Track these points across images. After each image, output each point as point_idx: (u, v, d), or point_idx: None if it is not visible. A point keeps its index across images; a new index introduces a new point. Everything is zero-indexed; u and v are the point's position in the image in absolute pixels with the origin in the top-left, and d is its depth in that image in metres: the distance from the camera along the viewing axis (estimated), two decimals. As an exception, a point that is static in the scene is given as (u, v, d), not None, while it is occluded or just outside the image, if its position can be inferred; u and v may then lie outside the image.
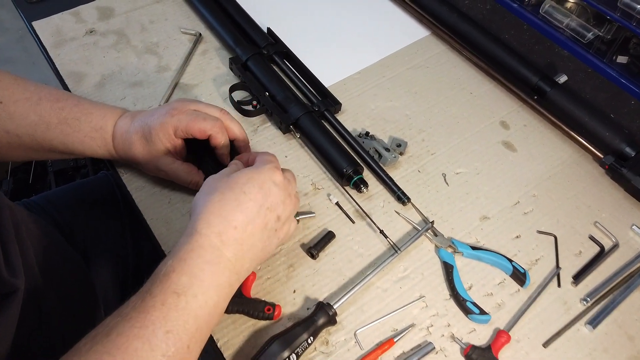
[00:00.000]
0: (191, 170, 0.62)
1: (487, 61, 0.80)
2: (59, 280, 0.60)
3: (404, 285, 0.60)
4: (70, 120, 0.60)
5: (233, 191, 0.49)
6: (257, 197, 0.50)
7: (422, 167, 0.70)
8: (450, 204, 0.67)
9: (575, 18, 0.82)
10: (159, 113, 0.59)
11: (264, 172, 0.51)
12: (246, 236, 0.49)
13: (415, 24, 0.88)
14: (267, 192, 0.51)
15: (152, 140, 0.58)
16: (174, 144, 0.60)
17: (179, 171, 0.61)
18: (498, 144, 0.73)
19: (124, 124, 0.60)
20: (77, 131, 0.60)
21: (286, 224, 0.54)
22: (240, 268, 0.49)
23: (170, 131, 0.58)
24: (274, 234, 0.53)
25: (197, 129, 0.58)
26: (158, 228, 0.63)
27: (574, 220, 0.67)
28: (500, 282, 0.61)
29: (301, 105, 0.72)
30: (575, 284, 0.61)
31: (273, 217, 0.51)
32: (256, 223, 0.50)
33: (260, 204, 0.50)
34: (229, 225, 0.48)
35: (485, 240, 0.64)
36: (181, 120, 0.58)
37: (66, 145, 0.60)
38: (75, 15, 0.85)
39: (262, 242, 0.51)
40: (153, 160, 0.60)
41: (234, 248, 0.48)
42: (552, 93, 0.74)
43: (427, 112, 0.76)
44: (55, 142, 0.60)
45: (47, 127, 0.59)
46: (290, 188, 0.54)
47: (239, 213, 0.49)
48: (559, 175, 0.71)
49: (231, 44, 0.79)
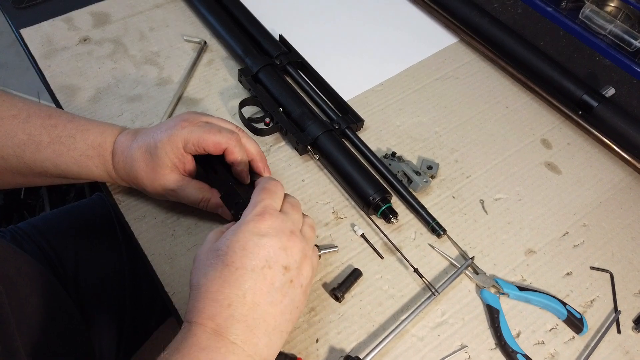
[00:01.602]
0: (202, 186, 0.54)
1: (523, 71, 0.72)
2: (41, 325, 0.53)
3: (443, 333, 0.52)
4: (64, 138, 0.52)
5: (216, 268, 0.42)
6: (244, 262, 0.42)
7: (456, 192, 0.63)
8: (491, 236, 0.59)
9: (620, 24, 0.75)
10: (166, 125, 0.52)
11: (243, 230, 0.43)
12: (248, 309, 0.41)
13: (441, 30, 0.80)
14: (254, 251, 0.42)
15: (158, 154, 0.51)
16: (182, 160, 0.52)
17: (188, 188, 0.53)
18: (540, 165, 0.66)
19: (125, 139, 0.53)
20: (71, 150, 0.52)
21: (303, 265, 0.45)
22: (255, 347, 0.41)
23: (179, 144, 0.51)
24: (290, 286, 0.44)
25: (211, 142, 0.51)
26: (160, 265, 0.55)
27: (631, 254, 0.59)
28: (553, 329, 0.53)
29: (320, 122, 0.64)
30: (637, 329, 0.54)
31: (278, 272, 0.43)
32: (256, 290, 0.42)
33: (250, 269, 0.42)
34: (221, 305, 0.40)
35: (532, 278, 0.57)
36: (193, 132, 0.51)
37: (59, 167, 0.53)
38: (68, 21, 0.77)
39: (276, 305, 0.42)
40: (158, 178, 0.52)
41: (236, 327, 0.40)
42: (600, 108, 0.66)
43: (460, 128, 0.68)
44: (47, 163, 0.53)
45: (37, 147, 0.52)
46: (289, 224, 0.45)
47: (228, 289, 0.41)
48: (610, 202, 0.63)
49: (240, 53, 0.71)
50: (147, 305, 0.71)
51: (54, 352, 0.55)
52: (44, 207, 1.22)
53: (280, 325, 0.43)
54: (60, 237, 0.70)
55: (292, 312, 0.44)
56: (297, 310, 0.45)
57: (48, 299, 0.58)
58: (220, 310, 0.40)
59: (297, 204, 0.49)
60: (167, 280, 0.54)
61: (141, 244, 0.57)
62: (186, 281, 0.54)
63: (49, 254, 0.67)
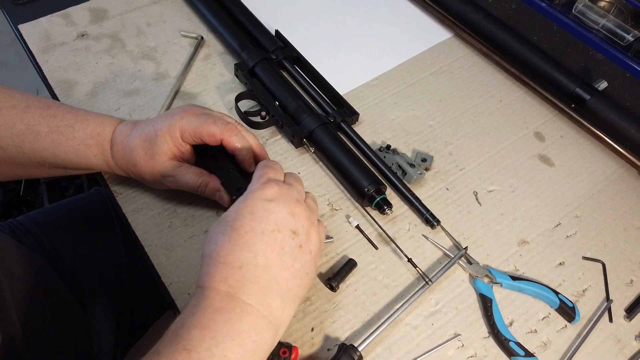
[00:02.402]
0: (201, 171, 0.55)
1: (517, 66, 0.73)
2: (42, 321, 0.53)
3: (437, 322, 0.53)
4: (63, 127, 0.53)
5: (225, 233, 0.42)
6: (253, 225, 0.43)
7: (450, 184, 0.63)
8: (484, 227, 0.60)
9: (612, 18, 0.75)
10: (166, 115, 0.53)
11: (250, 197, 0.44)
12: (260, 271, 0.42)
13: (436, 25, 0.81)
14: (263, 215, 0.43)
15: (157, 142, 0.52)
16: (180, 149, 0.53)
17: (187, 174, 0.54)
18: (533, 157, 0.66)
19: (124, 129, 0.54)
20: (70, 139, 0.53)
21: (311, 232, 0.46)
22: (269, 308, 0.41)
23: (177, 133, 0.52)
24: (300, 251, 0.44)
25: (206, 132, 0.52)
26: (157, 257, 0.56)
27: (623, 244, 0.60)
28: (545, 317, 0.54)
29: (315, 116, 0.64)
30: (629, 318, 0.55)
31: (287, 235, 0.44)
32: (267, 252, 0.42)
33: (260, 232, 0.42)
34: (232, 267, 0.41)
35: (525, 268, 0.57)
36: (190, 122, 0.52)
37: (57, 156, 0.54)
38: (66, 17, 0.77)
39: (288, 269, 0.43)
40: (156, 166, 0.53)
41: (249, 288, 0.41)
42: (593, 101, 0.67)
43: (454, 122, 0.69)
44: (46, 153, 0.53)
45: (36, 137, 0.52)
46: (294, 192, 0.46)
47: (239, 251, 0.41)
48: (603, 193, 0.64)
49: (236, 48, 0.71)
50: (145, 299, 0.72)
51: (54, 349, 0.56)
52: (43, 203, 1.23)
53: (293, 289, 0.43)
54: (58, 231, 0.70)
55: (302, 277, 0.44)
56: (308, 276, 0.45)
57: (47, 293, 0.59)
58: (232, 272, 0.41)
59: (298, 178, 0.50)
60: (164, 271, 0.55)
61: (138, 235, 0.57)
62: (183, 272, 0.55)
63: (47, 248, 0.68)
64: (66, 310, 0.62)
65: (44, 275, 0.60)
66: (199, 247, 0.56)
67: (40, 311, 0.55)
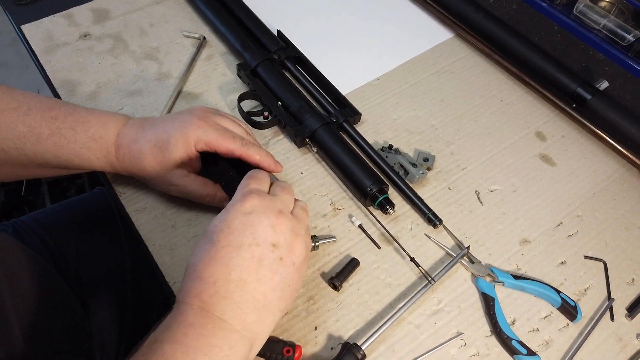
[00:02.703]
0: (206, 182, 0.56)
1: (518, 65, 0.73)
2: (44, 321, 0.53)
3: (439, 321, 0.53)
4: (64, 130, 0.53)
5: (203, 247, 0.43)
6: (230, 240, 0.42)
7: (452, 184, 0.63)
8: (486, 226, 0.60)
9: (613, 18, 0.76)
10: (180, 121, 0.53)
11: (230, 210, 0.44)
12: (234, 286, 0.41)
13: (437, 25, 0.81)
14: (240, 228, 0.43)
15: (169, 150, 0.52)
16: (191, 157, 0.53)
17: (193, 184, 0.55)
18: (535, 157, 0.67)
19: (131, 132, 0.54)
20: (72, 142, 0.53)
21: (295, 244, 0.44)
22: (242, 323, 0.41)
23: (191, 142, 0.52)
24: (281, 263, 0.43)
25: (224, 148, 0.52)
26: (161, 256, 0.56)
27: (624, 243, 0.60)
28: (547, 316, 0.54)
29: (317, 116, 0.65)
30: (630, 317, 0.55)
31: (266, 249, 0.43)
32: (243, 267, 0.42)
33: (237, 246, 0.42)
34: (206, 282, 0.41)
35: (527, 267, 0.58)
36: (208, 133, 0.52)
37: (59, 158, 0.54)
38: (68, 17, 0.78)
39: (266, 283, 0.42)
40: (164, 173, 0.53)
41: (222, 304, 0.41)
42: (594, 101, 0.67)
43: (455, 122, 0.69)
44: (48, 155, 0.53)
45: (37, 139, 0.52)
46: (277, 203, 0.45)
47: (214, 266, 0.41)
48: (604, 193, 0.64)
49: (238, 48, 0.72)
50: (149, 298, 0.72)
51: (55, 349, 0.56)
52: (44, 203, 1.23)
53: (271, 302, 0.42)
54: (62, 231, 0.70)
55: (283, 289, 0.43)
56: (290, 288, 0.44)
57: (49, 293, 0.59)
58: (206, 287, 0.41)
59: (287, 187, 0.49)
60: (167, 270, 0.55)
61: (142, 235, 0.57)
62: (186, 271, 0.55)
63: (51, 247, 0.68)
64: (68, 310, 0.62)
65: (46, 275, 0.60)
66: (202, 247, 0.57)
67: (42, 311, 0.56)
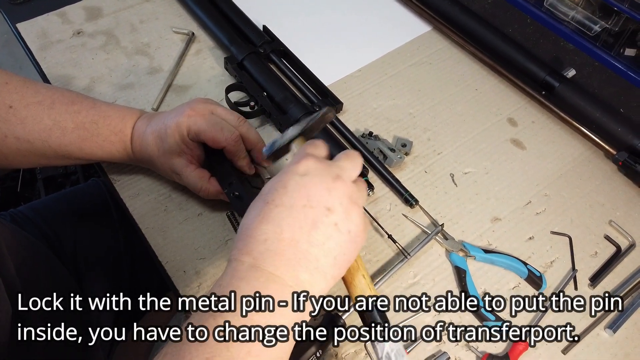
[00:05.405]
0: (203, 176, 0.58)
1: (491, 56, 0.77)
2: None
3: (415, 292, 0.57)
4: (88, 124, 0.56)
5: (256, 207, 0.42)
6: (284, 200, 0.41)
7: (428, 167, 0.67)
8: (460, 206, 0.64)
9: (581, 10, 0.80)
10: (176, 112, 0.56)
11: (285, 171, 0.43)
12: (285, 244, 0.40)
13: (416, 19, 0.85)
14: (295, 189, 0.41)
15: (167, 139, 0.55)
16: (188, 147, 0.56)
17: (190, 176, 0.57)
18: (506, 141, 0.71)
19: (141, 125, 0.58)
20: (95, 135, 0.56)
21: (351, 211, 0.41)
22: (296, 280, 0.39)
23: (184, 132, 0.55)
24: (335, 229, 0.40)
25: (210, 138, 0.55)
26: (154, 238, 0.60)
27: (588, 220, 0.64)
28: (515, 287, 0.58)
29: (301, 105, 0.68)
30: (593, 286, 0.59)
31: (320, 212, 0.40)
32: (295, 227, 0.40)
33: (290, 206, 0.40)
34: (257, 240, 0.40)
35: (498, 242, 0.62)
36: (197, 123, 0.55)
37: (83, 151, 0.57)
38: (62, 16, 0.81)
39: (318, 246, 0.40)
40: (167, 162, 0.57)
41: (274, 260, 0.39)
42: (561, 88, 0.71)
43: (432, 110, 0.73)
44: (71, 147, 0.56)
45: (62, 133, 0.55)
46: (334, 168, 0.43)
47: (265, 225, 0.40)
48: (570, 173, 0.68)
49: (226, 42, 0.75)
50: (144, 282, 0.75)
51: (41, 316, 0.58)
52: (40, 198, 1.26)
53: (324, 267, 0.40)
54: (58, 220, 0.74)
55: (337, 257, 0.41)
56: (344, 257, 0.41)
57: (47, 275, 0.62)
58: (257, 245, 0.40)
59: (352, 155, 0.45)
60: (160, 251, 0.59)
61: (136, 219, 0.61)
62: (179, 251, 0.58)
63: (48, 234, 0.71)
64: (66, 293, 0.66)
65: (43, 256, 0.63)
66: (193, 229, 0.60)
67: (39, 293, 0.58)
